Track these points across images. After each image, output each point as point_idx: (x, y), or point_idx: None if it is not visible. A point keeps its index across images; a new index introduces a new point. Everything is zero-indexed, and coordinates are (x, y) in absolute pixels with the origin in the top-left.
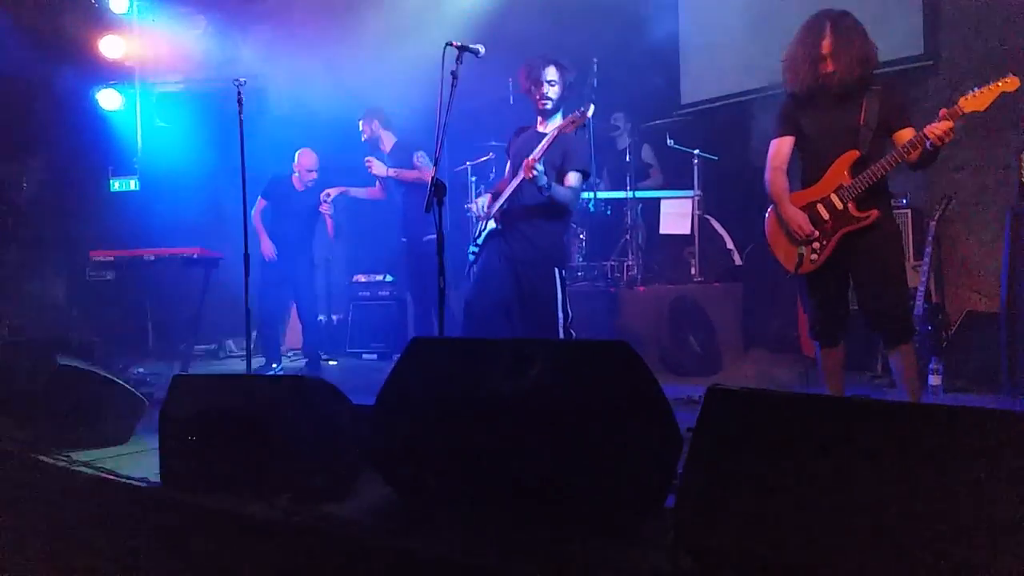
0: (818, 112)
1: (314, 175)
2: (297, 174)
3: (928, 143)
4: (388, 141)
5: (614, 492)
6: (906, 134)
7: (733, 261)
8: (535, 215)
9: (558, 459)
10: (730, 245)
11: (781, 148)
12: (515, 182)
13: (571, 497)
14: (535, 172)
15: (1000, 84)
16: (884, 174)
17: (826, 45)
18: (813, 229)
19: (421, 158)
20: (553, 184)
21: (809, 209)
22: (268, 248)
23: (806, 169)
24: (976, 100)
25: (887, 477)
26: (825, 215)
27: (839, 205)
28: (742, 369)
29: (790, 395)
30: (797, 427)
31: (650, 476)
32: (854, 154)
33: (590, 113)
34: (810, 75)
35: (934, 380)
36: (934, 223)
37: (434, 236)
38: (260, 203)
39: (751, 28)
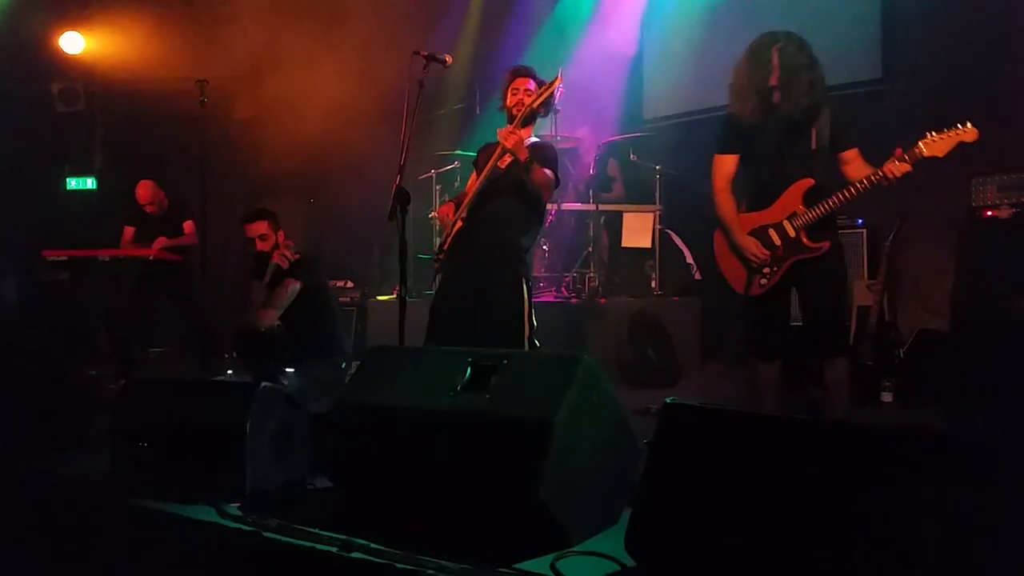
0: (767, 135)
1: (154, 207)
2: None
3: (884, 181)
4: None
5: (568, 504)
6: (851, 155)
7: (692, 275)
8: (503, 220)
9: (508, 470)
10: (689, 260)
11: (726, 166)
12: (483, 175)
13: (521, 509)
14: (515, 141)
15: (959, 132)
16: (838, 207)
17: (773, 79)
18: (768, 254)
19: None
20: (534, 162)
21: (760, 233)
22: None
23: (756, 191)
24: (935, 146)
25: (833, 493)
26: (777, 241)
27: (791, 233)
28: (699, 382)
29: (744, 411)
30: (750, 442)
31: (606, 487)
32: (808, 182)
33: (558, 82)
34: (758, 107)
35: (886, 397)
36: (888, 244)
37: None
38: (127, 231)
39: (713, 45)
